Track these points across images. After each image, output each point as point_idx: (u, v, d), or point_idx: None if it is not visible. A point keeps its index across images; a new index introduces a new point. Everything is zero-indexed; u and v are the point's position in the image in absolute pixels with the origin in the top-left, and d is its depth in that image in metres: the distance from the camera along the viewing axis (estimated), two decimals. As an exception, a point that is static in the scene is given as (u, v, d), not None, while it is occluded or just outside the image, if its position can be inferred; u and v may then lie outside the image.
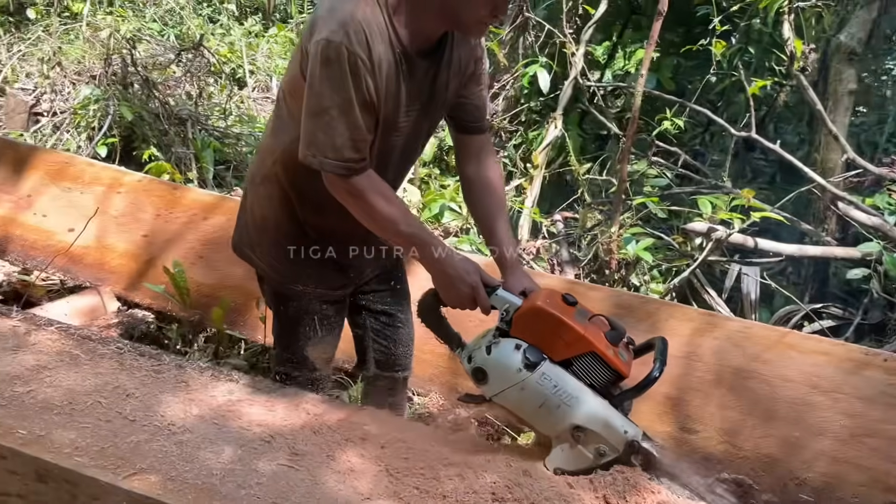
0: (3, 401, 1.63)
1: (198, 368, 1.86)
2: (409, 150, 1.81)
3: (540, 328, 1.59)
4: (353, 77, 1.53)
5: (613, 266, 3.13)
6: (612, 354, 1.59)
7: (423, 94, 1.70)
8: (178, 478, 1.47)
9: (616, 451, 1.58)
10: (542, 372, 1.57)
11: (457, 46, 1.73)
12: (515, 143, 5.17)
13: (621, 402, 1.62)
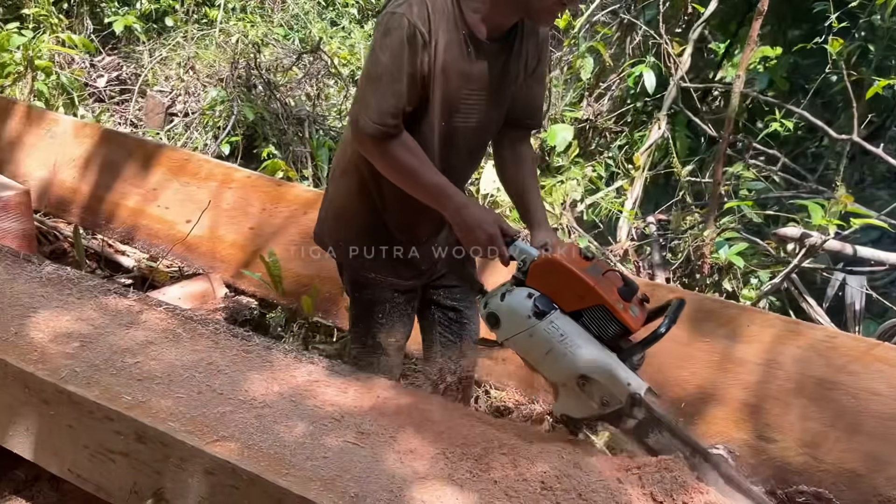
0: (114, 370, 1.84)
1: (283, 351, 2.02)
2: (480, 140, 1.89)
3: (553, 279, 1.65)
4: (409, 47, 1.64)
5: (706, 270, 3.08)
6: (622, 309, 1.62)
7: (492, 82, 1.78)
8: (255, 446, 1.63)
9: (619, 402, 1.62)
10: (551, 321, 1.63)
11: (526, 39, 1.80)
12: (620, 144, 5.13)
13: (629, 355, 1.65)
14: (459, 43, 1.70)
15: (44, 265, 2.33)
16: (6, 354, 1.85)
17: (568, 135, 4.68)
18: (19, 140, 3.64)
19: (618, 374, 1.62)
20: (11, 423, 1.88)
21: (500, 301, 1.69)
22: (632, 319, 1.63)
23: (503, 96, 1.84)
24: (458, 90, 1.75)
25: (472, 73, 1.75)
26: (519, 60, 1.82)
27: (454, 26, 1.69)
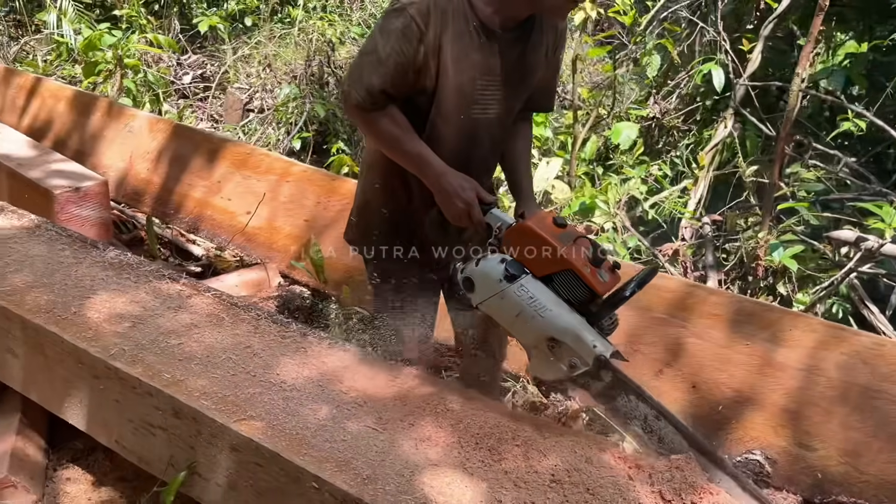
0: (158, 350, 1.96)
1: (318, 337, 2.10)
2: (500, 131, 1.92)
3: (525, 245, 1.71)
4: (403, 37, 1.70)
5: (759, 273, 2.99)
6: (589, 273, 1.65)
7: (510, 73, 1.81)
8: (278, 426, 1.71)
9: (586, 364, 1.64)
10: (521, 284, 1.68)
11: (545, 31, 1.84)
12: (688, 143, 5.02)
13: (598, 318, 1.68)
14: (469, 34, 1.74)
15: (107, 251, 2.49)
16: (64, 331, 1.99)
17: (632, 133, 4.62)
18: (100, 134, 3.88)
19: (584, 337, 1.64)
20: (68, 395, 2.03)
21: (475, 266, 1.75)
22: (599, 284, 1.66)
23: (523, 87, 1.87)
24: (472, 81, 1.79)
25: (487, 64, 1.79)
26: (538, 51, 1.85)
27: (463, 18, 1.73)
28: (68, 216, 3.40)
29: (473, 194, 1.79)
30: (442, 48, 1.73)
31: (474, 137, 1.87)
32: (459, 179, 1.80)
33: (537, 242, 1.68)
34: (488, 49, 1.78)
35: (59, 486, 2.17)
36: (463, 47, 1.75)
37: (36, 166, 3.54)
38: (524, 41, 1.82)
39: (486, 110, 1.85)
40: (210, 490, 1.79)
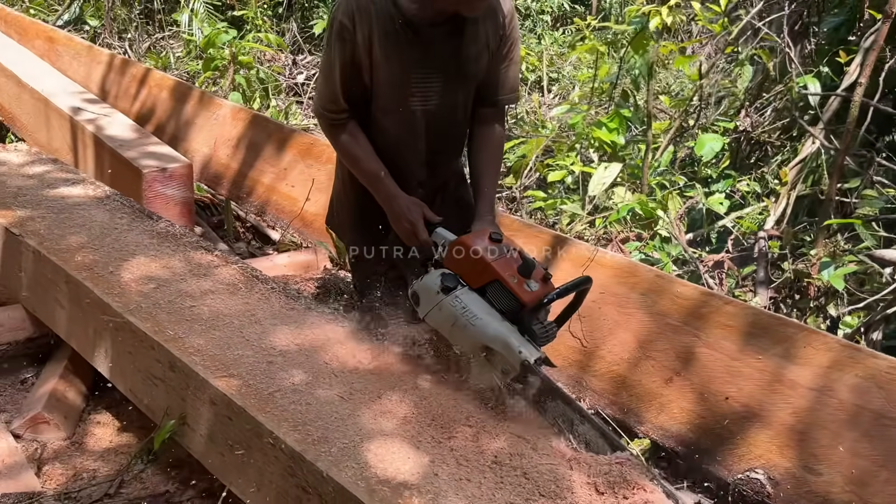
0: (172, 310, 2.14)
1: (320, 312, 2.21)
2: (447, 119, 2.02)
3: (460, 259, 1.82)
4: (339, 41, 1.88)
5: (811, 293, 2.83)
6: (515, 283, 1.73)
7: (446, 65, 1.92)
8: (253, 386, 1.83)
9: (515, 370, 1.70)
10: (456, 295, 1.77)
11: (483, 22, 1.90)
12: (783, 159, 4.79)
13: (527, 326, 1.73)
14: (397, 31, 1.86)
15: (159, 221, 2.72)
16: (96, 286, 2.21)
17: (716, 145, 4.46)
18: (192, 121, 4.19)
19: (511, 344, 1.71)
20: (97, 346, 2.25)
21: (419, 281, 1.87)
22: (525, 293, 1.72)
23: (462, 76, 1.96)
24: (406, 75, 1.91)
25: (420, 58, 1.89)
26: (476, 42, 1.92)
27: (388, 17, 1.85)
28: (154, 194, 3.70)
29: (419, 216, 1.96)
30: (372, 45, 1.87)
31: (416, 128, 2.00)
32: (407, 202, 1.97)
33: (470, 256, 1.80)
34: (419, 44, 1.89)
35: (89, 427, 2.40)
36: (392, 44, 1.87)
37: (133, 147, 3.88)
38: (458, 34, 1.91)
39: (426, 102, 1.97)
40: (195, 440, 1.93)
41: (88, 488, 2.10)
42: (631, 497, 1.51)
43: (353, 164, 2.06)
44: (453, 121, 2.06)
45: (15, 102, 4.72)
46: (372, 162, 2.00)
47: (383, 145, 2.02)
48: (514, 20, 1.99)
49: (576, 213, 3.55)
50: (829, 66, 4.40)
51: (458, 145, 2.13)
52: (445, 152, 2.12)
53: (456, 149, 2.14)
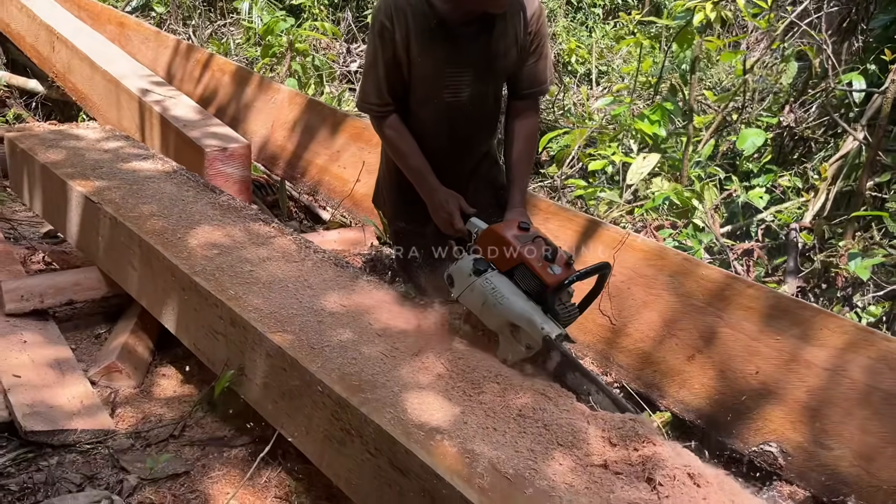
0: (232, 273, 2.35)
1: (367, 280, 2.40)
2: (480, 110, 2.19)
3: (491, 244, 1.99)
4: (380, 40, 2.06)
5: (839, 283, 2.92)
6: (540, 267, 1.88)
7: (475, 59, 2.08)
8: (305, 341, 2.03)
9: (538, 344, 1.86)
10: (487, 277, 1.94)
11: (511, 20, 2.06)
12: (826, 155, 4.83)
13: (550, 306, 1.89)
14: (432, 31, 2.04)
15: (221, 195, 2.95)
16: (166, 250, 2.44)
17: (758, 140, 4.53)
18: (251, 104, 4.44)
19: (535, 321, 1.87)
20: (165, 303, 2.49)
21: (454, 265, 2.05)
22: (548, 276, 1.88)
23: (492, 72, 2.13)
24: (439, 70, 2.09)
25: (452, 55, 2.08)
26: (504, 39, 2.09)
27: (422, 17, 2.03)
28: (215, 171, 3.95)
29: (456, 207, 2.14)
30: (409, 43, 2.05)
31: (450, 118, 2.18)
32: (446, 195, 2.16)
33: (500, 243, 1.97)
34: (452, 41, 2.07)
35: (156, 379, 2.64)
36: (427, 41, 2.05)
37: (197, 128, 4.13)
38: (488, 32, 2.07)
39: (457, 94, 2.14)
40: (252, 389, 2.15)
41: (156, 429, 2.33)
42: (641, 449, 1.66)
43: (397, 157, 2.25)
44: (484, 110, 2.24)
45: (88, 84, 5.04)
46: (416, 157, 2.20)
47: (419, 132, 2.21)
48: (542, 17, 2.14)
49: (614, 200, 3.68)
50: (877, 64, 4.43)
51: (489, 132, 2.31)
52: (477, 138, 2.30)
53: (487, 135, 2.32)
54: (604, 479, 1.62)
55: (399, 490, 1.71)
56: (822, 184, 4.15)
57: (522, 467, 1.63)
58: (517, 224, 1.99)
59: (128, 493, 2.06)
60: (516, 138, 2.24)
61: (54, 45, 5.41)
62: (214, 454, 2.26)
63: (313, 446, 1.95)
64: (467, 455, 1.64)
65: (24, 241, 3.66)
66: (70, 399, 2.33)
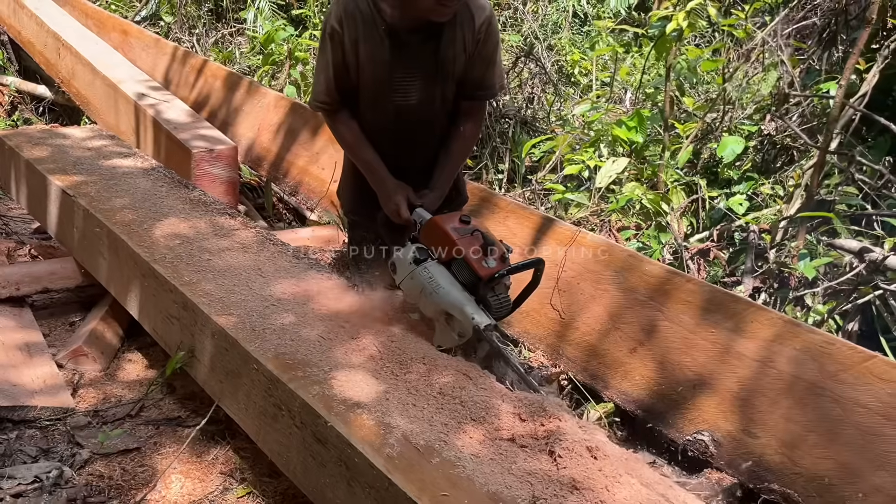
0: (191, 262, 2.47)
1: (319, 269, 2.51)
2: (427, 112, 2.27)
3: (432, 235, 2.08)
4: (330, 43, 2.14)
5: (792, 283, 2.98)
6: (475, 260, 1.97)
7: (424, 66, 2.17)
8: (248, 323, 2.13)
9: (469, 333, 1.95)
10: (425, 266, 2.04)
11: (460, 27, 2.14)
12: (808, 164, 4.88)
13: (483, 297, 1.98)
14: (380, 37, 2.13)
15: (193, 190, 3.07)
16: (130, 239, 2.57)
17: (738, 147, 4.60)
18: (240, 108, 4.58)
19: (466, 311, 1.97)
20: (128, 291, 2.61)
21: (398, 253, 2.15)
22: (482, 269, 1.98)
23: (441, 76, 2.21)
24: (388, 74, 2.18)
25: (401, 60, 2.16)
26: (453, 46, 2.16)
27: (372, 24, 2.12)
28: (202, 172, 4.09)
29: (403, 198, 2.23)
30: (358, 48, 2.14)
31: (398, 121, 2.26)
32: (394, 185, 2.26)
33: (440, 234, 2.07)
34: (401, 47, 2.15)
35: (121, 364, 2.77)
36: (376, 47, 2.14)
37: (186, 130, 4.28)
38: (436, 38, 2.15)
39: (407, 98, 2.23)
40: (200, 370, 2.26)
41: (114, 409, 2.45)
42: (546, 425, 1.75)
43: (349, 150, 2.36)
44: (433, 113, 2.29)
45: (89, 88, 5.22)
46: (366, 150, 2.29)
47: (370, 134, 2.29)
48: (493, 26, 2.20)
49: (581, 202, 3.77)
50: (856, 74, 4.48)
51: (437, 133, 2.36)
52: (427, 140, 2.35)
53: (438, 137, 2.37)
54: (509, 452, 1.70)
55: (321, 461, 1.81)
56: (795, 190, 4.21)
57: (434, 439, 1.72)
58: (459, 217, 2.08)
59: (79, 465, 2.18)
60: (456, 136, 2.33)
61: (60, 52, 5.61)
62: (168, 433, 2.37)
63: (251, 422, 2.06)
64: (383, 427, 1.73)
65: (14, 236, 3.82)
66: (34, 379, 2.46)
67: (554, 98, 6.82)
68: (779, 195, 4.60)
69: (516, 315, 2.93)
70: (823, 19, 4.67)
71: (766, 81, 4.74)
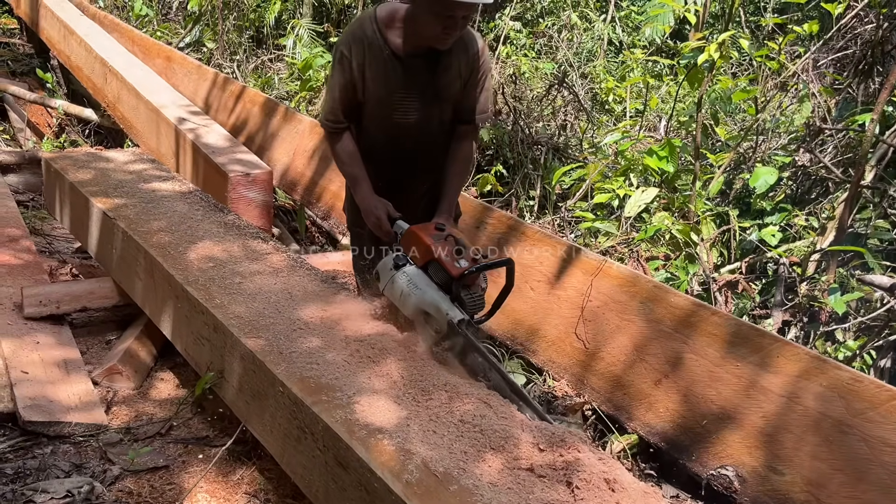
0: (223, 284, 2.53)
1: (348, 293, 2.56)
2: (426, 130, 2.43)
3: (410, 242, 2.23)
4: (339, 66, 2.32)
5: (822, 318, 2.94)
6: (447, 261, 2.11)
7: (423, 87, 2.34)
8: (275, 346, 2.18)
9: (444, 328, 2.07)
10: (404, 271, 2.17)
11: (456, 55, 2.32)
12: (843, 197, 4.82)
13: (456, 294, 2.11)
14: (385, 60, 2.29)
15: (228, 214, 3.16)
16: (165, 262, 2.64)
17: (770, 178, 4.56)
18: (276, 133, 4.69)
19: (441, 308, 2.10)
20: (162, 311, 2.68)
21: (380, 262, 2.30)
22: (454, 269, 2.11)
23: (439, 98, 2.38)
24: (390, 94, 2.34)
25: (402, 81, 2.33)
26: (449, 71, 2.34)
27: (378, 49, 2.29)
28: (238, 196, 4.19)
29: (383, 212, 2.39)
30: (364, 70, 2.30)
31: (398, 137, 2.43)
32: (375, 201, 2.41)
33: (416, 241, 2.23)
34: (402, 71, 2.32)
35: (154, 382, 2.83)
36: (380, 69, 2.30)
37: (224, 154, 4.39)
38: (434, 64, 2.33)
39: (406, 116, 2.39)
40: (228, 390, 2.31)
41: (145, 426, 2.51)
42: (565, 455, 1.76)
43: (340, 166, 2.52)
44: (429, 133, 2.47)
45: (133, 112, 5.39)
46: (355, 167, 2.45)
47: (370, 148, 2.46)
48: (484, 55, 2.39)
49: (610, 231, 3.77)
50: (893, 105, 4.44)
51: (434, 151, 2.51)
52: (424, 158, 2.51)
53: (436, 157, 2.51)
54: (527, 481, 1.71)
55: (341, 484, 1.84)
56: (830, 222, 4.16)
57: (452, 467, 1.74)
58: (434, 226, 2.23)
59: (110, 481, 2.23)
60: (453, 158, 2.51)
61: (107, 77, 5.80)
62: (195, 452, 2.42)
63: (276, 443, 2.10)
64: (403, 453, 1.76)
65: (57, 255, 3.94)
66: (70, 395, 2.53)
67: (587, 126, 6.84)
68: (813, 227, 4.56)
69: (541, 343, 2.96)
70: (862, 50, 4.64)
71: (800, 112, 4.71)
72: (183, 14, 8.75)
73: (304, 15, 8.38)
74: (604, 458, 1.78)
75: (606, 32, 9.38)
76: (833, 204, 4.17)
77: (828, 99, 4.65)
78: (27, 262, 3.41)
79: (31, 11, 7.42)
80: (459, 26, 2.19)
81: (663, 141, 4.50)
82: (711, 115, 5.40)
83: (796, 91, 4.88)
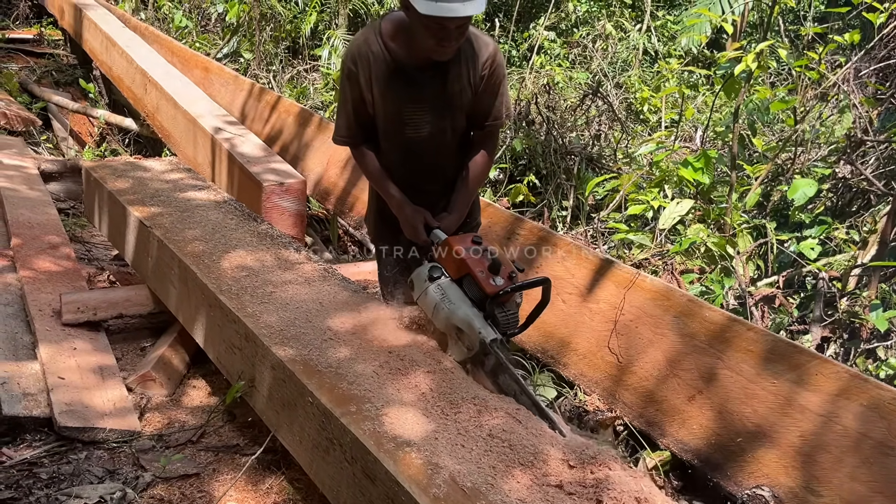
0: (255, 293, 2.55)
1: (378, 302, 2.56)
2: (440, 144, 2.40)
3: (446, 254, 2.19)
4: (348, 82, 2.30)
5: (864, 334, 2.86)
6: (483, 277, 2.07)
7: (431, 99, 2.30)
8: (305, 356, 2.19)
9: (476, 346, 2.03)
10: (439, 284, 2.15)
11: (465, 64, 2.27)
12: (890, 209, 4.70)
13: (490, 312, 2.07)
14: (391, 74, 2.26)
15: (261, 224, 3.18)
16: (199, 270, 2.67)
17: (809, 191, 4.48)
18: (311, 143, 4.72)
19: (474, 325, 2.06)
20: (196, 319, 2.71)
21: (416, 271, 2.27)
22: (489, 286, 2.06)
23: (450, 109, 2.34)
24: (400, 109, 2.31)
25: (411, 95, 2.29)
26: (459, 80, 2.29)
27: (384, 62, 2.25)
28: (272, 204, 4.23)
29: (420, 220, 2.38)
30: (372, 85, 2.28)
31: (411, 151, 2.40)
32: (412, 210, 2.40)
33: (452, 253, 2.18)
34: (410, 84, 2.28)
35: (186, 389, 2.86)
36: (387, 84, 2.27)
37: (258, 164, 4.44)
38: (442, 75, 2.27)
39: (417, 131, 2.36)
40: (259, 399, 2.33)
41: (177, 434, 2.54)
42: (596, 472, 1.73)
43: (371, 179, 2.51)
44: (443, 144, 2.43)
45: (171, 122, 5.48)
46: (384, 180, 2.44)
47: (387, 163, 2.45)
48: (497, 60, 2.32)
49: (643, 243, 3.73)
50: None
51: (451, 161, 2.48)
52: (440, 169, 2.48)
53: (451, 165, 2.49)
54: (556, 498, 1.69)
55: (369, 497, 1.83)
56: (872, 236, 4.06)
57: (481, 482, 1.72)
58: (471, 238, 2.20)
59: (142, 488, 2.26)
60: (471, 164, 2.47)
61: (147, 87, 5.91)
62: (226, 460, 2.44)
63: (305, 453, 2.10)
64: (431, 467, 1.75)
65: (95, 262, 4.02)
66: (105, 401, 2.57)
67: (621, 136, 6.79)
68: (853, 240, 4.45)
69: (572, 356, 2.93)
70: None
71: (841, 123, 4.61)
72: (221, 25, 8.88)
73: (340, 26, 8.46)
74: (635, 475, 1.75)
75: (642, 42, 9.31)
76: (875, 217, 4.08)
77: (869, 109, 4.54)
78: (66, 268, 3.48)
79: (75, 23, 7.59)
80: (454, 37, 2.14)
81: (699, 152, 4.44)
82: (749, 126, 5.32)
83: (837, 101, 4.78)
